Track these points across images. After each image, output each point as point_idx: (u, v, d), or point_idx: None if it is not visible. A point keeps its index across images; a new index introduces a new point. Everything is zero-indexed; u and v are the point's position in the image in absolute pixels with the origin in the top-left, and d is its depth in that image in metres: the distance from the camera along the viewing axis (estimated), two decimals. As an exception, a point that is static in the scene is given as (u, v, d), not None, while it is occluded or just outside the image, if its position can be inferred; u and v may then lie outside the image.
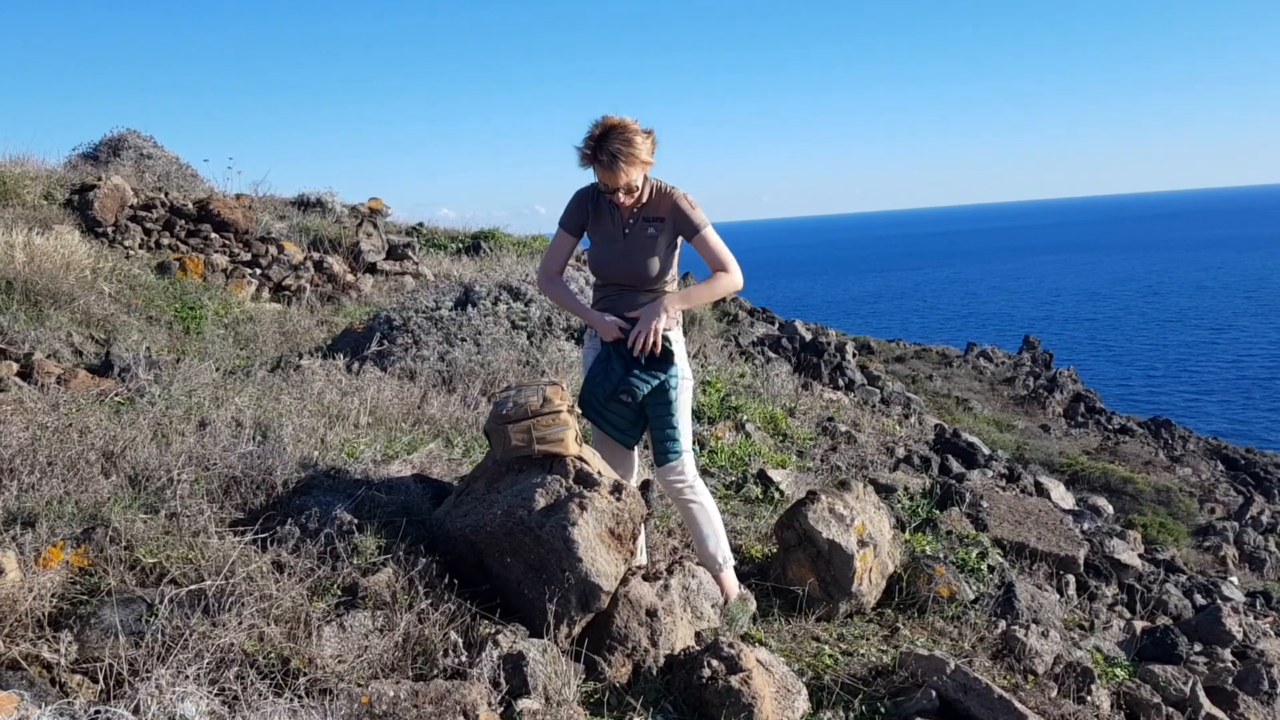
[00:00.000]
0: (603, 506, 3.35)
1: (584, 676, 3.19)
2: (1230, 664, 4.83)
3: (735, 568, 4.12)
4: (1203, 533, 10.27)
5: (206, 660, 2.62)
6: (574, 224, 3.77)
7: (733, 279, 3.66)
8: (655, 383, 3.60)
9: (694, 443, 6.60)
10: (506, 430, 3.52)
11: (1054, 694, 3.71)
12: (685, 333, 4.03)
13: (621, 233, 3.65)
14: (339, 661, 2.82)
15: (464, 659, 2.94)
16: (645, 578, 3.56)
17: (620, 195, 3.54)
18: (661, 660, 3.34)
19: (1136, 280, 76.38)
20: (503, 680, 2.88)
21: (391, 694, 2.63)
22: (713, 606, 3.78)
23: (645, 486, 4.61)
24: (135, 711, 2.38)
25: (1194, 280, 73.20)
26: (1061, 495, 8.56)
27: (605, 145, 3.42)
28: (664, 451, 3.72)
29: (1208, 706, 4.05)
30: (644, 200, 3.63)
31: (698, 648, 3.30)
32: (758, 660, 3.22)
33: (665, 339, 3.58)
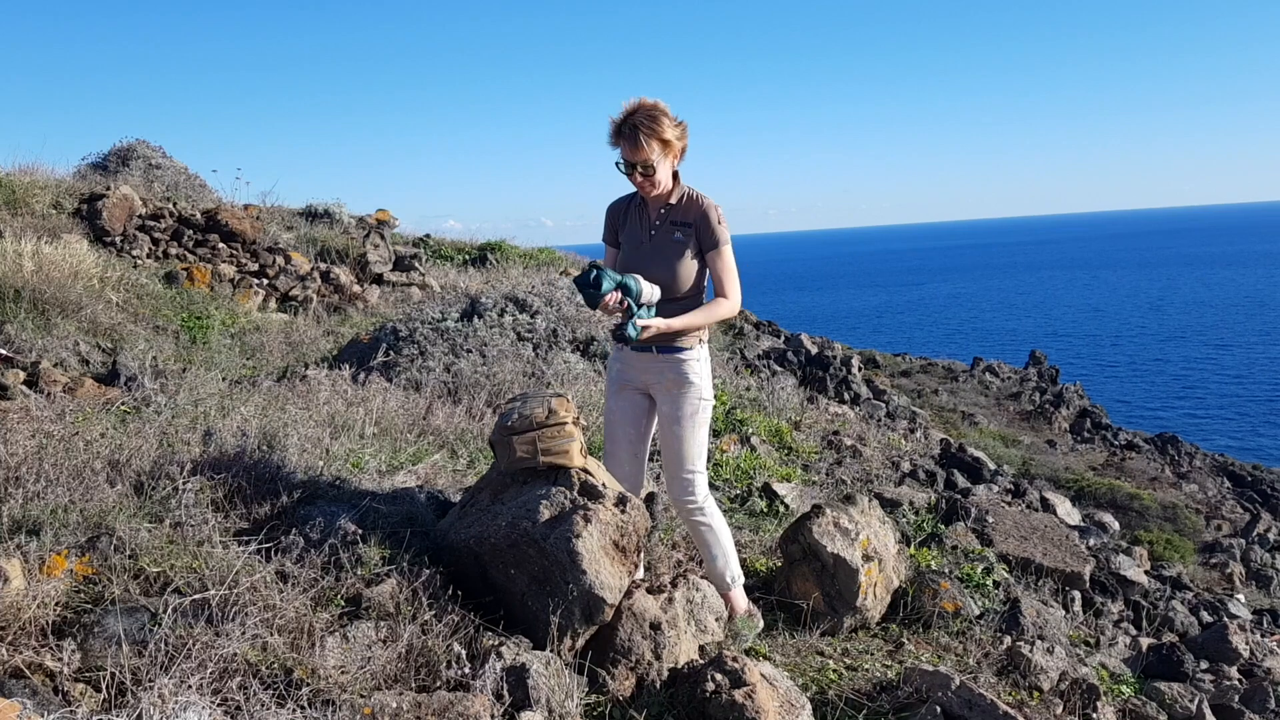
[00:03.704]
0: (607, 519, 3.35)
1: (587, 689, 3.18)
2: (1237, 682, 4.80)
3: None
4: (1209, 549, 10.22)
5: (209, 670, 2.62)
6: (611, 235, 3.79)
7: (731, 306, 3.64)
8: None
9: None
10: (511, 442, 3.52)
11: (1059, 711, 3.69)
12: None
13: (648, 235, 3.63)
14: (342, 672, 2.81)
15: (467, 671, 2.93)
16: (649, 590, 3.55)
17: (639, 176, 3.50)
18: (665, 674, 3.33)
19: (1139, 296, 76.26)
20: (505, 692, 2.87)
21: (394, 705, 2.63)
22: (717, 620, 3.77)
23: (650, 500, 4.60)
24: (138, 721, 2.38)
25: (1197, 297, 73.06)
26: (1067, 511, 8.53)
27: (631, 117, 3.44)
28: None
29: (1215, 725, 4.03)
30: (673, 203, 3.62)
31: (701, 661, 3.29)
32: (761, 675, 3.20)
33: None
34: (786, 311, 56.31)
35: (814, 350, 14.27)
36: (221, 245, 11.32)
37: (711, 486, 6.07)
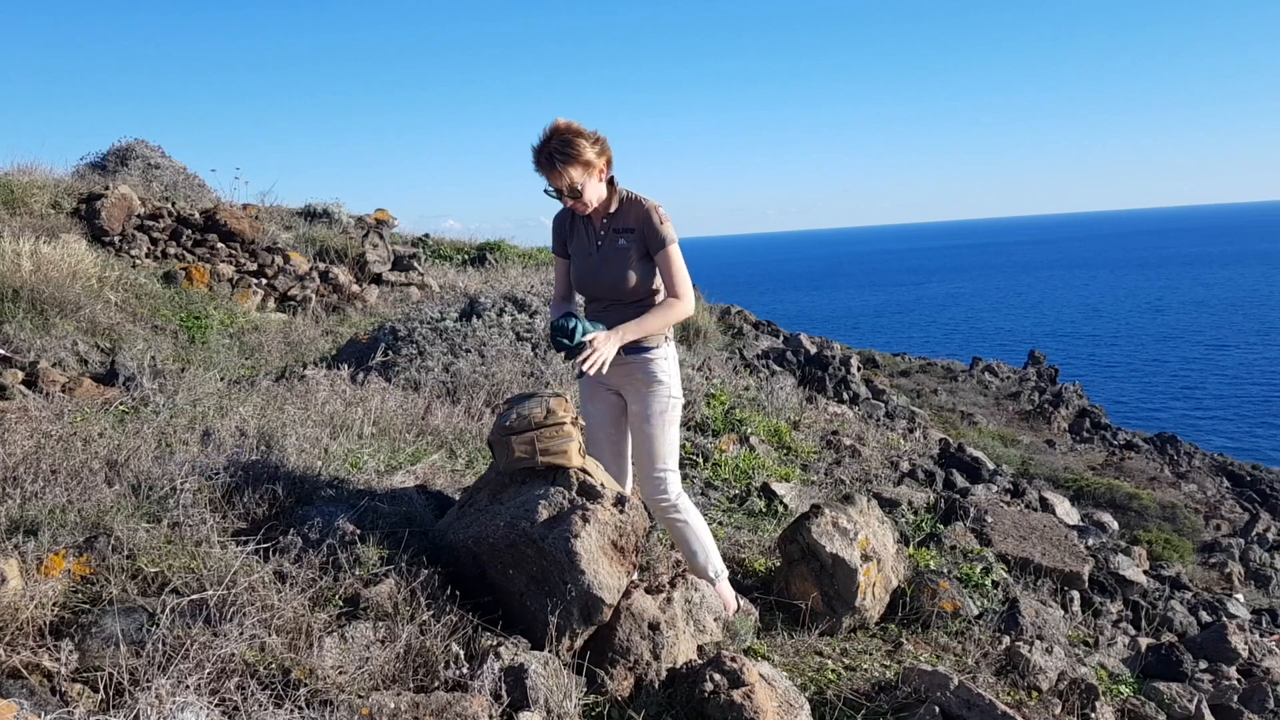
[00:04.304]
0: (605, 519, 3.35)
1: (585, 689, 3.17)
2: (1236, 682, 4.80)
3: (738, 582, 4.10)
4: (1208, 549, 10.22)
5: (207, 670, 2.61)
6: (560, 246, 3.81)
7: (685, 307, 3.59)
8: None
9: (697, 456, 6.59)
10: (510, 442, 3.51)
11: (1058, 711, 3.69)
12: (689, 346, 4.02)
13: (595, 246, 3.65)
14: (340, 672, 2.81)
15: (465, 671, 2.93)
16: (647, 590, 3.55)
17: (568, 199, 3.52)
18: (663, 674, 3.33)
19: (1137, 296, 76.21)
20: (504, 693, 2.87)
21: (392, 705, 2.63)
22: (715, 620, 3.77)
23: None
24: (135, 721, 2.38)
25: (1195, 297, 73.00)
26: (1066, 511, 8.53)
27: (546, 146, 3.45)
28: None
29: (1213, 725, 4.03)
30: (613, 210, 3.62)
31: (700, 661, 3.28)
32: (760, 675, 3.20)
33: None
34: (785, 311, 56.32)
35: (813, 350, 14.27)
36: (220, 245, 11.31)
37: (710, 486, 6.08)
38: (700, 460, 6.60)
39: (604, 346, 3.43)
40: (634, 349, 3.64)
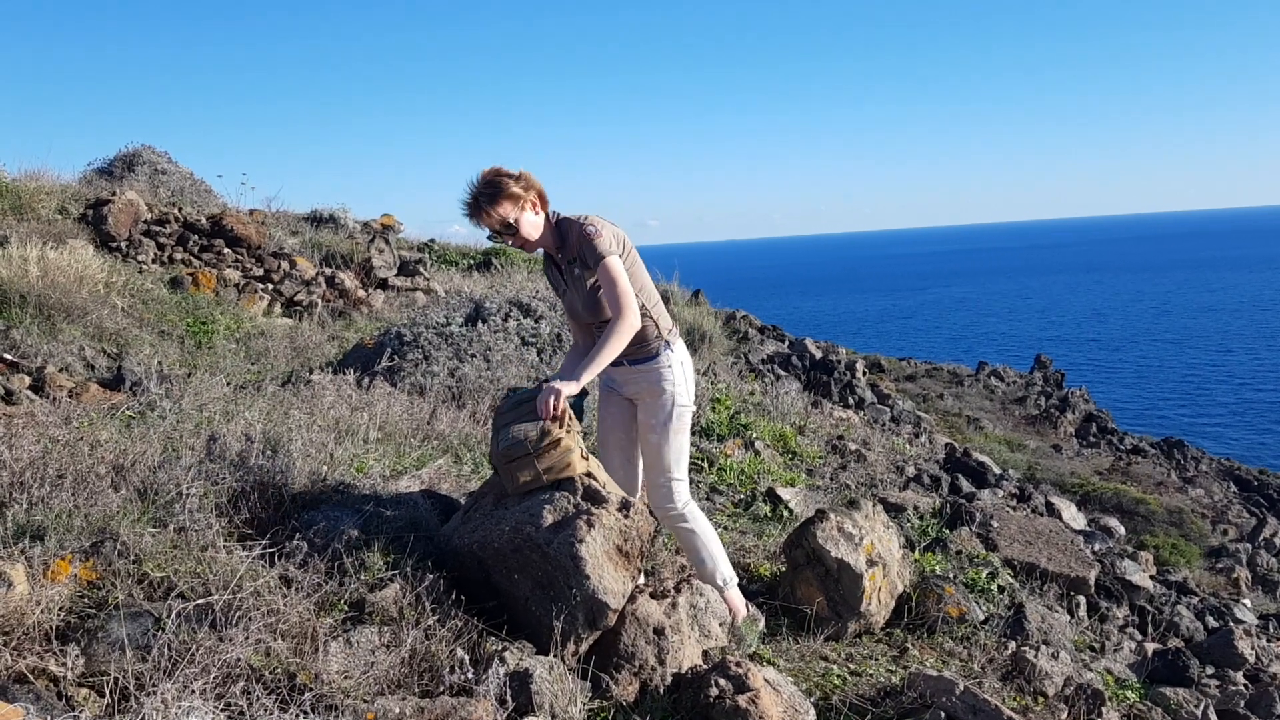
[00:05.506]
0: (611, 524, 3.35)
1: (590, 695, 3.17)
2: (1243, 687, 4.77)
3: (743, 587, 4.10)
4: (1215, 554, 10.18)
5: (213, 675, 2.62)
6: (552, 285, 3.87)
7: (624, 324, 3.47)
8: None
9: (702, 461, 6.59)
10: (511, 469, 3.48)
11: (1064, 716, 3.68)
12: (695, 351, 4.02)
13: (564, 283, 3.69)
14: (345, 677, 2.81)
15: (470, 676, 2.93)
16: (653, 595, 3.54)
17: (508, 238, 3.56)
18: (669, 679, 3.32)
19: (1142, 301, 76.02)
20: (509, 697, 2.87)
21: (397, 710, 2.63)
22: (720, 625, 3.77)
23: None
24: (141, 726, 2.38)
25: (1200, 301, 72.80)
26: (1073, 516, 8.50)
27: (473, 193, 3.51)
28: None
29: (1220, 731, 4.02)
30: (563, 243, 3.63)
31: (705, 666, 3.28)
32: (765, 680, 3.20)
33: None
34: (791, 316, 56.24)
35: (818, 354, 14.25)
36: (227, 250, 11.35)
37: (715, 491, 6.07)
38: (706, 465, 6.60)
39: (559, 399, 3.44)
40: (637, 359, 3.65)
